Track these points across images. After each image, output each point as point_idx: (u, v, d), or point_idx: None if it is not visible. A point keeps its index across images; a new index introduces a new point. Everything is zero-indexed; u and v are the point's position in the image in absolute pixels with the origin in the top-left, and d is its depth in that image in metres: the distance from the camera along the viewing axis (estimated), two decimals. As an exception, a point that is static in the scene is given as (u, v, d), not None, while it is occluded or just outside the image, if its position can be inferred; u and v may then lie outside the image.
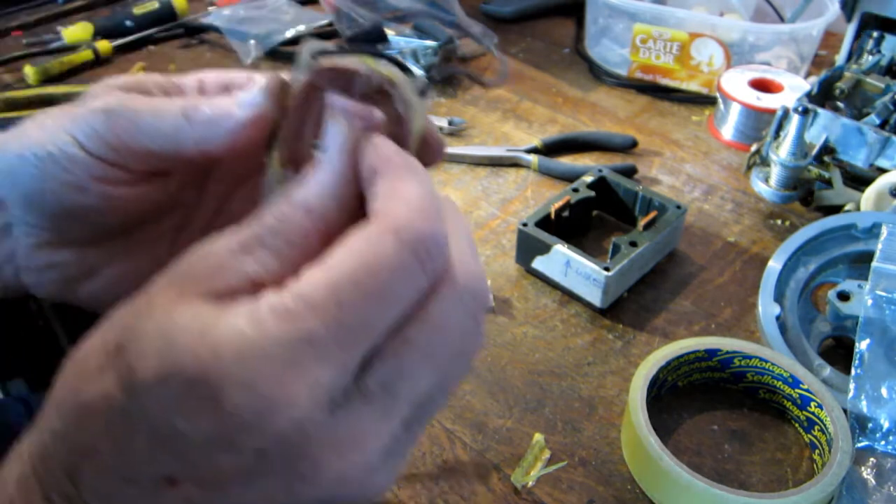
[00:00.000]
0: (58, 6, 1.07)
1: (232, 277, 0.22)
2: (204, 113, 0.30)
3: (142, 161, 0.31)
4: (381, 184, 0.24)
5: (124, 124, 0.30)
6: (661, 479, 0.44)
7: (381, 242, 0.22)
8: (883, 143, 0.63)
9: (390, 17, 0.94)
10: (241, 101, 0.30)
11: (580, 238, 0.66)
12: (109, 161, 0.30)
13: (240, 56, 0.93)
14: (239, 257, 0.22)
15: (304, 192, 0.24)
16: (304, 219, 0.24)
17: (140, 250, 0.35)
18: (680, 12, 0.85)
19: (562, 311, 0.60)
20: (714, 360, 0.51)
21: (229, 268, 0.22)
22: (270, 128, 0.31)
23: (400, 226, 0.22)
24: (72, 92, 0.82)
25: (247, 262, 0.22)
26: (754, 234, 0.67)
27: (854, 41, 0.77)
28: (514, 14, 1.07)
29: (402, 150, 0.25)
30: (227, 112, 0.30)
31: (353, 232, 0.23)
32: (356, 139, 0.26)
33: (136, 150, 0.30)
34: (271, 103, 0.30)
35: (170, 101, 0.31)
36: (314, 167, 0.25)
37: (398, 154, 0.25)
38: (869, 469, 0.46)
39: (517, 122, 0.84)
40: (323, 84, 0.29)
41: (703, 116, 0.85)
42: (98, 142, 0.30)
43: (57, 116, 0.31)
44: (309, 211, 0.24)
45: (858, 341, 0.50)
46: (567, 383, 0.54)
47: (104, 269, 0.34)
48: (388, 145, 0.25)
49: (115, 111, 0.30)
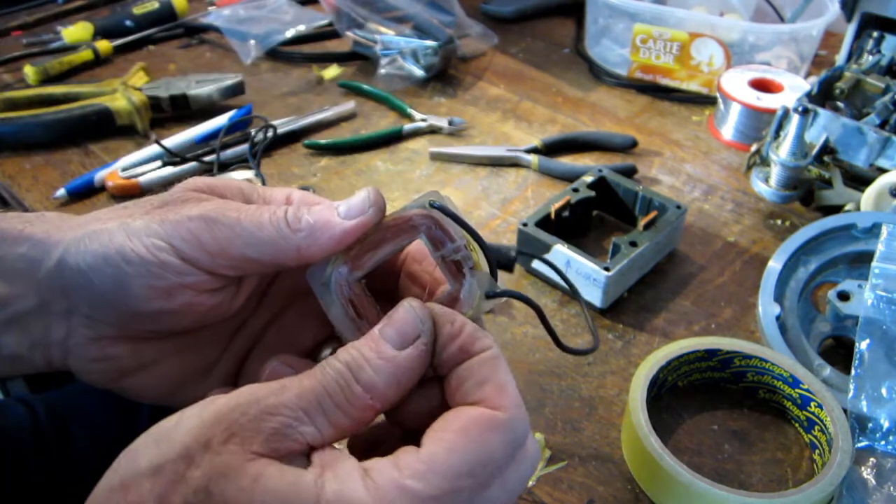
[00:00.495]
0: (58, 6, 1.07)
1: (294, 443, 0.26)
2: (307, 222, 0.31)
3: (236, 268, 0.32)
4: (480, 371, 0.29)
5: (225, 232, 0.30)
6: (661, 478, 0.44)
7: (492, 440, 0.27)
8: (883, 143, 0.63)
9: (390, 17, 0.94)
10: (345, 212, 0.31)
11: (580, 238, 0.67)
12: (203, 268, 0.31)
13: (240, 56, 0.93)
14: (303, 423, 0.26)
15: (372, 378, 0.28)
16: (368, 399, 0.27)
17: (193, 350, 0.35)
18: (680, 12, 0.85)
19: (562, 311, 0.60)
20: (714, 360, 0.51)
21: (292, 433, 0.26)
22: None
23: (508, 424, 0.28)
24: (72, 92, 0.82)
25: (308, 430, 0.26)
26: (754, 234, 0.67)
27: (854, 41, 0.77)
28: (514, 14, 1.07)
29: (489, 338, 0.30)
30: (330, 221, 0.31)
31: (465, 416, 0.27)
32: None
33: (234, 256, 0.31)
34: (377, 215, 0.31)
35: (267, 209, 0.31)
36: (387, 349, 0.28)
37: (487, 341, 0.29)
38: (869, 469, 0.46)
39: (517, 122, 0.84)
40: (421, 227, 0.32)
41: (703, 116, 0.85)
42: (196, 248, 0.30)
43: (141, 218, 0.31)
44: (375, 395, 0.27)
45: (858, 341, 0.50)
46: (567, 383, 0.54)
47: (155, 365, 0.34)
48: (479, 332, 0.30)
49: (215, 219, 0.30)
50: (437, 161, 0.78)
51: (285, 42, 0.96)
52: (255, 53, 0.94)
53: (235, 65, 0.94)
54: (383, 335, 0.29)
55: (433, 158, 0.78)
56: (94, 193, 0.73)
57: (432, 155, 0.78)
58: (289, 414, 0.26)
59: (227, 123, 0.78)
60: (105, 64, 0.95)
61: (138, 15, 1.00)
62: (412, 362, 0.29)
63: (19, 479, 0.61)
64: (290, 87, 0.91)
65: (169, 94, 0.81)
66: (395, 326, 0.29)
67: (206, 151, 0.75)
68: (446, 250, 0.32)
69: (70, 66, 0.92)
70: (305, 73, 0.94)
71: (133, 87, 0.82)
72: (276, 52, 0.96)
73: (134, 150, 0.76)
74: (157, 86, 0.83)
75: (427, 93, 0.89)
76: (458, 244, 0.32)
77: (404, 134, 0.81)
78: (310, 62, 0.96)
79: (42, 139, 0.78)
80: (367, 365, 0.28)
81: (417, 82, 0.90)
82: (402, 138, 0.81)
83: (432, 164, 0.77)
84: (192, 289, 0.31)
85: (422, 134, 0.82)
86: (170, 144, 0.75)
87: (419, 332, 0.29)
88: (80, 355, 0.32)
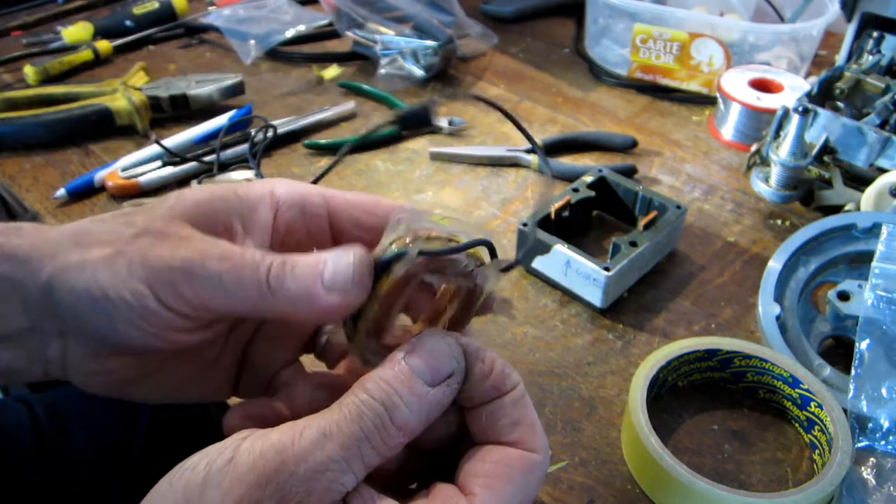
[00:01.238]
0: (58, 6, 1.07)
1: (338, 495, 0.26)
2: (288, 290, 0.29)
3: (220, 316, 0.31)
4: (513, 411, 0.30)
5: (206, 286, 0.29)
6: (661, 479, 0.44)
7: (531, 482, 0.29)
8: (883, 143, 0.63)
9: (390, 17, 0.94)
10: (330, 283, 0.29)
11: (580, 238, 0.66)
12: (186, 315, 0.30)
13: (240, 56, 0.93)
14: (346, 473, 0.26)
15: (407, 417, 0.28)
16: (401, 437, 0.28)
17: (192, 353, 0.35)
18: (680, 12, 0.85)
19: (562, 311, 0.60)
20: (714, 360, 0.51)
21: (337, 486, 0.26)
22: None
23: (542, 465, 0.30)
24: (72, 92, 0.82)
25: (349, 479, 0.26)
26: (754, 234, 0.67)
27: (854, 41, 0.77)
28: (514, 14, 1.07)
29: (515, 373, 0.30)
30: (312, 293, 0.29)
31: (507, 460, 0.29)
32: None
33: (216, 309, 0.30)
34: (360, 293, 0.30)
35: (252, 264, 0.29)
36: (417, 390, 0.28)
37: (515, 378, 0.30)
38: (869, 469, 0.46)
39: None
40: (423, 273, 0.30)
41: (703, 116, 0.85)
42: (178, 299, 0.29)
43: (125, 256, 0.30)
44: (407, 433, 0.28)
45: (858, 341, 0.50)
46: (567, 383, 0.54)
47: (156, 373, 0.34)
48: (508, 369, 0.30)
49: (196, 273, 0.29)
50: (436, 161, 0.78)
51: (285, 42, 0.96)
52: (255, 53, 0.94)
53: (235, 65, 0.94)
54: (415, 370, 0.28)
55: (433, 158, 0.78)
56: (94, 193, 0.73)
57: (432, 155, 0.78)
58: (336, 468, 0.26)
59: (227, 123, 0.78)
60: (105, 64, 0.95)
61: (138, 15, 1.00)
62: (444, 399, 0.29)
63: (19, 479, 0.61)
64: (290, 87, 0.91)
65: (169, 94, 0.81)
66: (427, 361, 0.28)
67: (206, 151, 0.75)
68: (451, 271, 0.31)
69: (70, 66, 0.92)
70: (305, 73, 0.94)
71: (133, 87, 0.82)
72: (276, 52, 0.96)
73: (134, 150, 0.76)
74: (157, 86, 0.83)
75: (427, 93, 0.89)
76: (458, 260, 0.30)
77: (404, 134, 0.81)
78: (310, 62, 0.96)
79: (42, 139, 0.78)
80: (402, 402, 0.27)
81: (417, 82, 0.90)
82: (402, 138, 0.81)
83: (432, 164, 0.77)
84: (179, 330, 0.30)
85: (422, 134, 0.82)
86: (170, 144, 0.75)
87: (452, 370, 0.29)
88: (78, 370, 0.32)
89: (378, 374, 0.28)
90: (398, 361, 0.28)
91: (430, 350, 0.29)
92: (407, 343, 0.29)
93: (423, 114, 0.81)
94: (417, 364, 0.28)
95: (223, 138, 0.75)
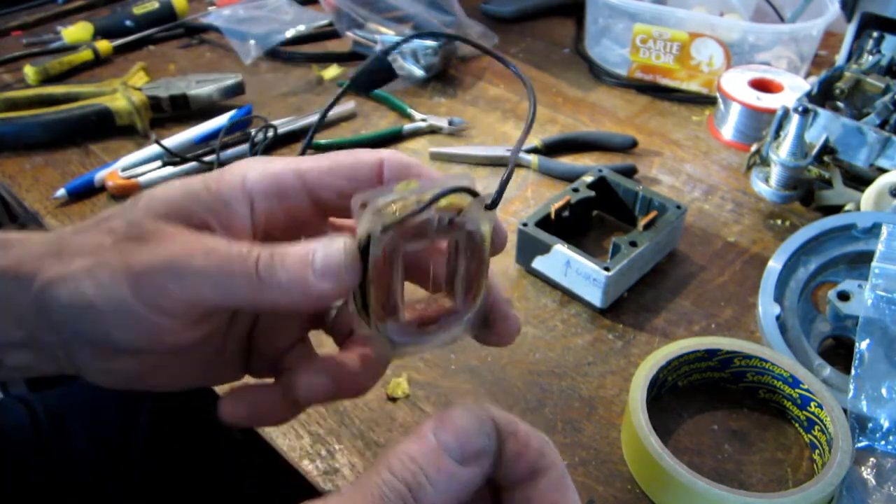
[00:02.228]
0: (58, 6, 1.07)
1: None
2: (280, 280, 0.28)
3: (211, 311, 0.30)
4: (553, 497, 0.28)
5: (195, 283, 0.28)
6: (661, 479, 0.44)
7: None
8: (883, 143, 0.63)
9: (390, 17, 0.94)
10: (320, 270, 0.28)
11: (580, 238, 0.66)
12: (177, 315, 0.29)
13: (240, 56, 0.93)
14: None
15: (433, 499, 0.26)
16: None
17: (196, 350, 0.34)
18: (680, 12, 0.85)
19: (562, 311, 0.60)
20: (714, 360, 0.51)
21: None
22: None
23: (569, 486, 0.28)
24: (72, 92, 0.82)
25: None
26: (754, 234, 0.67)
27: (854, 41, 0.77)
28: (514, 14, 1.07)
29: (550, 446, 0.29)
30: (304, 280, 0.28)
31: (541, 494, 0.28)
32: None
33: (206, 305, 0.29)
34: (352, 277, 0.29)
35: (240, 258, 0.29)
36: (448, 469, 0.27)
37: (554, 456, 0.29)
38: (869, 469, 0.46)
39: (517, 122, 0.84)
40: (400, 244, 0.29)
41: (703, 116, 0.85)
42: (167, 299, 0.28)
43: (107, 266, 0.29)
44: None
45: (858, 341, 0.50)
46: (567, 383, 0.54)
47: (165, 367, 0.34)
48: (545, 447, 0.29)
49: (182, 272, 0.28)
50: (437, 161, 0.78)
51: (285, 42, 0.96)
52: (255, 53, 0.93)
53: (235, 65, 0.94)
54: (444, 446, 0.26)
55: (433, 158, 0.78)
56: (94, 193, 0.73)
57: (432, 155, 0.78)
58: None
59: (227, 123, 0.77)
60: (105, 64, 0.95)
61: (138, 15, 1.00)
62: (475, 479, 0.26)
63: (19, 479, 0.61)
64: (290, 87, 0.91)
65: (169, 94, 0.81)
66: (456, 436, 0.26)
67: (206, 151, 0.75)
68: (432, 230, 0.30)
69: (70, 66, 0.91)
70: (305, 73, 0.94)
71: (133, 87, 0.82)
72: (276, 52, 0.96)
73: (134, 150, 0.76)
74: (157, 86, 0.83)
75: (427, 93, 0.89)
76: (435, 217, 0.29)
77: (404, 134, 0.81)
78: (310, 62, 0.96)
79: (42, 139, 0.78)
80: (428, 482, 0.25)
81: (417, 82, 0.90)
82: (402, 138, 0.81)
83: (432, 164, 0.77)
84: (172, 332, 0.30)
85: (422, 134, 0.82)
86: (170, 144, 0.75)
87: (483, 446, 0.27)
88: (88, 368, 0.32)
89: (403, 450, 0.26)
90: (425, 436, 0.26)
91: (458, 422, 0.27)
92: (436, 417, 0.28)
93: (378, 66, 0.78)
94: (446, 439, 0.26)
95: (223, 138, 0.75)
